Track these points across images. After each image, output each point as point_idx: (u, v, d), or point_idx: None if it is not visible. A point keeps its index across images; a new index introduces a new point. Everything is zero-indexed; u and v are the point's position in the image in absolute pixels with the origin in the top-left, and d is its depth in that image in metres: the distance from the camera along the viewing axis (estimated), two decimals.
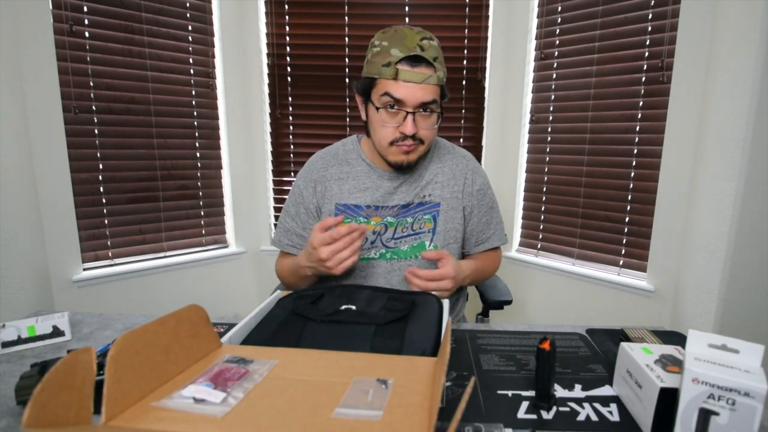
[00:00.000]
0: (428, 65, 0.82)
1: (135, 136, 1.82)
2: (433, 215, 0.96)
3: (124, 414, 0.42)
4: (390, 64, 0.81)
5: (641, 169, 1.69)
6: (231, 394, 0.46)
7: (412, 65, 0.81)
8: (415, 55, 0.80)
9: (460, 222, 0.99)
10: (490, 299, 1.16)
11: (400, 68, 0.81)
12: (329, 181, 0.98)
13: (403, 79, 0.81)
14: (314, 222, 1.00)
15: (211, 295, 2.06)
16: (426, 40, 0.83)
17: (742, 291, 1.44)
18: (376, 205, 0.96)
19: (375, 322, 0.64)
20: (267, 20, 2.02)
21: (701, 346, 0.49)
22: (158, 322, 0.50)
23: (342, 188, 0.97)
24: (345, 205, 0.97)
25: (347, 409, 0.43)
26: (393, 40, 0.82)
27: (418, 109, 0.84)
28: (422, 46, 0.81)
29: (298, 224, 1.01)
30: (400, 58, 0.81)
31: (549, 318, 2.00)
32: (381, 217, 0.95)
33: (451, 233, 0.98)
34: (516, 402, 0.59)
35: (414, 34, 0.83)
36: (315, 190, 0.99)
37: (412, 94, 0.82)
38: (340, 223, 0.79)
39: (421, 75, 0.81)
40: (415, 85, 0.82)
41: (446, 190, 0.98)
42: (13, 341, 0.74)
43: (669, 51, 1.56)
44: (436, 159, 1.00)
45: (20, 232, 1.52)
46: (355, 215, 0.96)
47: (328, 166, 1.00)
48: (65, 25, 1.62)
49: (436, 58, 0.83)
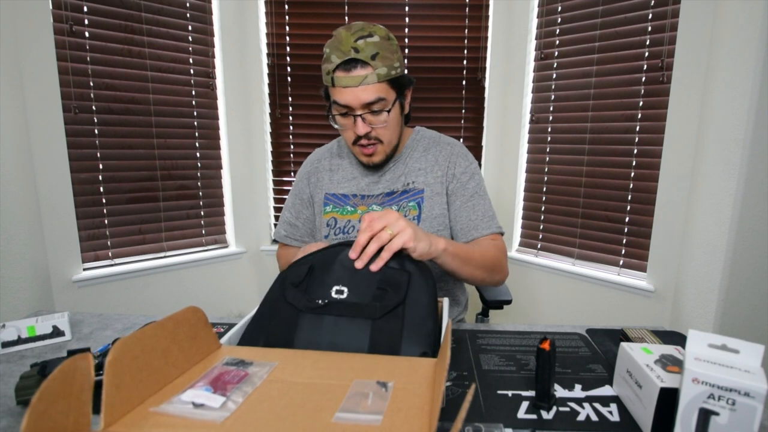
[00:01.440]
0: (364, 65, 0.82)
1: (135, 136, 1.82)
2: (418, 202, 0.96)
3: (123, 419, 0.42)
4: (329, 72, 0.84)
5: (641, 169, 1.69)
6: (230, 398, 0.46)
7: (347, 70, 0.82)
8: (349, 59, 0.81)
9: (445, 207, 0.98)
10: (490, 299, 1.16)
11: (336, 75, 0.83)
12: (321, 173, 1.05)
13: (341, 86, 0.84)
14: (307, 211, 1.07)
15: (211, 295, 2.06)
16: (362, 39, 0.82)
17: (742, 291, 1.44)
18: (362, 194, 1.00)
19: (371, 317, 0.63)
20: (267, 20, 2.02)
21: (701, 346, 0.49)
22: (156, 326, 0.50)
23: (332, 179, 1.03)
24: (334, 194, 1.02)
25: (347, 414, 0.43)
26: (332, 47, 0.84)
27: (364, 110, 0.86)
28: (357, 47, 0.81)
29: (293, 214, 1.08)
30: (336, 65, 0.82)
31: (549, 318, 2.00)
32: (367, 205, 0.98)
33: (438, 219, 0.96)
34: (516, 402, 0.59)
35: (350, 35, 0.83)
36: (309, 181, 1.06)
37: (353, 97, 0.84)
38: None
39: (357, 78, 0.82)
40: (353, 88, 0.83)
41: (430, 176, 0.98)
42: (13, 341, 0.74)
43: (669, 51, 1.56)
44: (421, 148, 1.01)
45: (20, 232, 1.52)
46: (343, 204, 1.00)
47: (321, 159, 1.07)
48: (65, 25, 1.62)
49: (375, 54, 0.82)
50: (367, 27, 0.84)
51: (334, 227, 0.99)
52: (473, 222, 0.95)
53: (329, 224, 1.00)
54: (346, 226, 0.98)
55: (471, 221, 0.95)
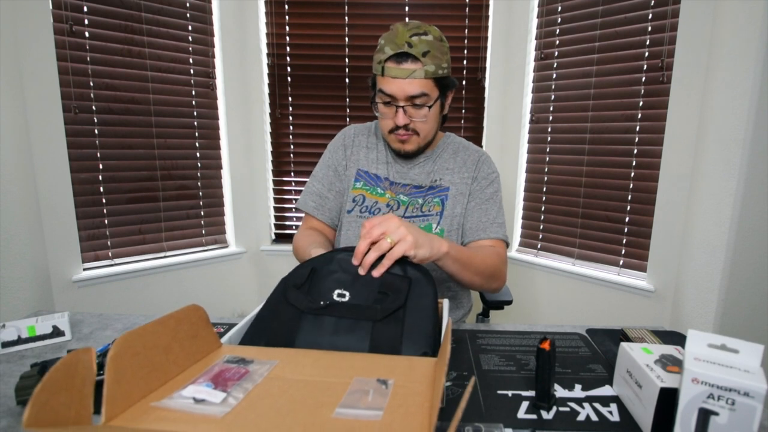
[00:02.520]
0: (414, 60, 0.86)
1: (135, 136, 1.82)
2: (442, 199, 0.99)
3: (124, 414, 0.42)
4: (381, 62, 0.88)
5: (641, 169, 1.69)
6: (231, 394, 0.46)
7: (399, 62, 0.86)
8: (401, 52, 0.85)
9: (465, 207, 1.01)
10: (490, 299, 1.16)
11: (386, 66, 0.87)
12: (357, 147, 1.06)
13: (390, 76, 0.87)
14: (340, 184, 1.05)
15: (211, 295, 2.06)
16: (417, 36, 0.86)
17: (742, 291, 1.44)
18: (393, 181, 1.01)
19: (372, 319, 0.64)
20: (267, 20, 2.02)
21: (701, 346, 0.49)
22: (158, 323, 0.50)
23: (368, 156, 1.04)
24: (366, 172, 1.03)
25: (347, 410, 0.43)
26: (387, 39, 0.88)
27: (407, 102, 0.89)
28: (411, 43, 0.85)
29: (324, 186, 1.06)
30: (388, 56, 0.86)
31: (549, 318, 2.00)
32: (395, 192, 1.01)
33: (458, 218, 1.00)
34: (516, 402, 0.59)
35: (406, 31, 0.87)
36: (344, 153, 1.06)
37: (399, 88, 0.87)
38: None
39: (406, 71, 0.86)
40: (401, 80, 0.87)
41: (456, 176, 1.01)
42: (13, 341, 0.74)
43: (669, 51, 1.56)
44: (451, 150, 1.05)
45: (20, 232, 1.52)
46: (374, 184, 1.02)
47: (359, 135, 1.08)
48: (65, 25, 1.62)
49: (427, 52, 0.86)
50: (423, 26, 0.89)
51: (362, 204, 1.01)
52: (482, 224, 0.98)
53: (356, 200, 1.02)
54: (373, 206, 1.00)
55: (481, 222, 0.98)
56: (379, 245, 0.67)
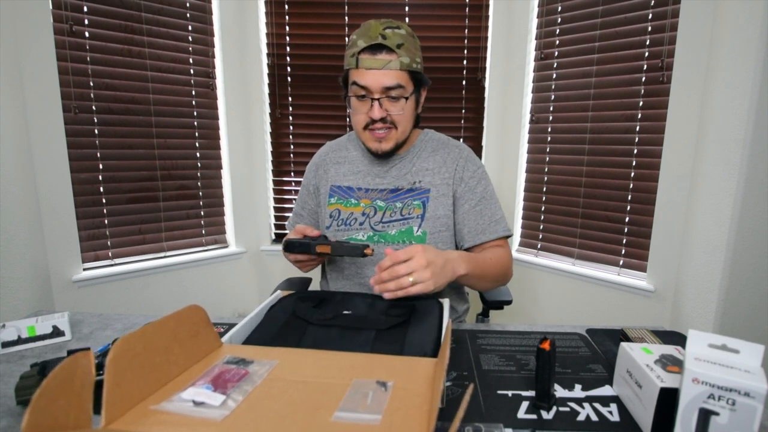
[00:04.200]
0: (389, 52, 0.86)
1: (135, 136, 1.82)
2: (423, 201, 0.97)
3: (123, 417, 0.42)
4: (354, 54, 0.87)
5: (641, 169, 1.69)
6: (231, 396, 0.46)
7: (373, 53, 0.86)
8: (376, 43, 0.86)
9: (450, 209, 0.98)
10: (490, 299, 1.16)
11: (361, 57, 0.87)
12: (328, 165, 1.07)
13: (364, 67, 0.87)
14: (312, 202, 1.09)
15: (211, 295, 2.06)
16: (390, 29, 0.87)
17: (742, 291, 1.44)
18: (367, 188, 1.01)
19: (376, 327, 0.65)
20: (267, 20, 2.02)
21: (701, 346, 0.49)
22: (158, 323, 0.50)
23: (338, 171, 1.05)
24: (339, 186, 1.03)
25: (346, 413, 0.43)
26: (360, 33, 0.89)
27: (383, 94, 0.88)
28: (384, 35, 0.86)
29: (299, 205, 1.12)
30: (362, 48, 0.87)
31: (549, 318, 2.00)
32: (370, 199, 0.99)
33: (442, 220, 0.97)
34: (516, 402, 0.59)
35: (379, 24, 0.88)
36: (316, 172, 1.08)
37: (374, 80, 0.87)
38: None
39: (381, 61, 0.86)
40: (376, 71, 0.86)
41: (437, 176, 0.99)
42: (13, 341, 0.74)
43: (669, 51, 1.56)
44: (429, 149, 1.02)
45: (20, 232, 1.52)
46: (347, 197, 1.01)
47: (330, 152, 1.09)
48: (65, 25, 1.62)
49: (401, 44, 0.87)
50: (395, 21, 0.90)
51: (337, 218, 1.01)
52: (480, 227, 0.97)
53: (332, 215, 1.01)
54: (349, 218, 0.99)
55: (479, 225, 0.97)
56: (399, 282, 0.68)
